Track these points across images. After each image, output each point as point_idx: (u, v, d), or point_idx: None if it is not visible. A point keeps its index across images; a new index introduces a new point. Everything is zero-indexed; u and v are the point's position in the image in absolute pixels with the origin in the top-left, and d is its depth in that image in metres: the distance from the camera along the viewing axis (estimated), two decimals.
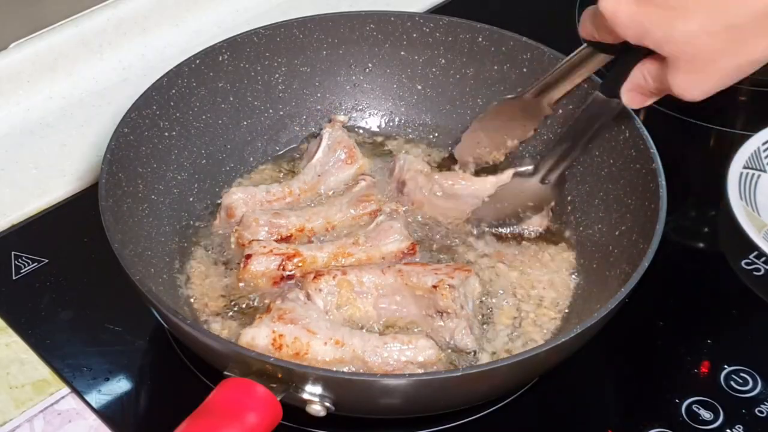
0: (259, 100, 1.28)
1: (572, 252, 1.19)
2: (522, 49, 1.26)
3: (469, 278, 1.13)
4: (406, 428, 1.10)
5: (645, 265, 1.04)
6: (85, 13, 1.30)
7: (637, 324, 1.17)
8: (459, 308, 1.10)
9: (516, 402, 1.10)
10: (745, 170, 1.27)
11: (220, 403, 0.94)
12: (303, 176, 1.25)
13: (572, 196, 1.22)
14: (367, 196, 1.21)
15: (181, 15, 1.37)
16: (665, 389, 1.12)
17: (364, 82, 1.31)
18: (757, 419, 1.10)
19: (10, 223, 1.26)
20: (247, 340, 1.05)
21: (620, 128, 1.18)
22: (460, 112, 1.30)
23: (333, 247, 1.16)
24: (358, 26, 1.29)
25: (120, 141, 1.14)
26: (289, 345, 1.05)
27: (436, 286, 1.10)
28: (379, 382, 0.98)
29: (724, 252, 1.27)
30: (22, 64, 1.26)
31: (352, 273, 1.12)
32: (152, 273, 1.12)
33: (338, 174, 1.25)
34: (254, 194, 1.21)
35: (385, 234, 1.17)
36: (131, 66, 1.32)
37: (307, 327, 1.06)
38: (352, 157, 1.26)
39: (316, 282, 1.11)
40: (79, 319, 1.17)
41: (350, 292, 1.12)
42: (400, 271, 1.12)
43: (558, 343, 1.00)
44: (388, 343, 1.07)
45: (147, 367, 1.14)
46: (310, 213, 1.20)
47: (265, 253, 1.14)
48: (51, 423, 1.09)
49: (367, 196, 1.21)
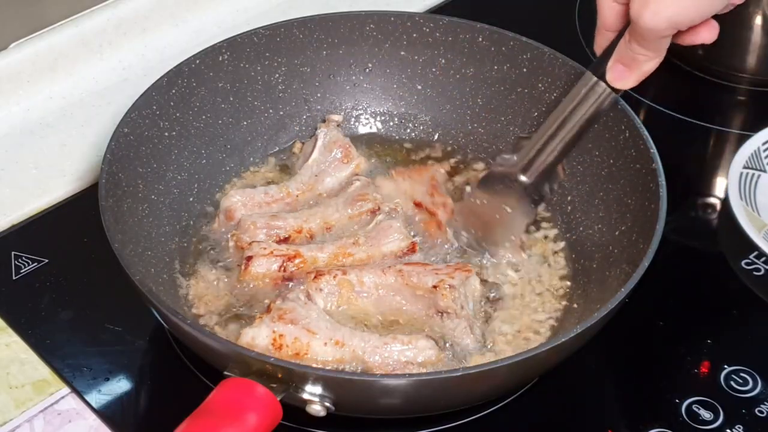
0: (259, 100, 1.28)
1: (572, 252, 1.19)
2: (522, 49, 1.26)
3: (470, 278, 1.13)
4: (406, 428, 1.10)
5: (645, 265, 1.04)
6: (85, 13, 1.30)
7: (637, 324, 1.17)
8: (459, 308, 1.10)
9: (516, 402, 1.10)
10: (745, 170, 1.27)
11: (220, 403, 0.94)
12: (300, 177, 1.25)
13: (572, 196, 1.22)
14: (362, 195, 1.21)
15: (181, 15, 1.36)
16: (665, 389, 1.12)
17: (364, 82, 1.31)
18: (757, 419, 1.10)
19: (10, 223, 1.26)
20: (247, 340, 1.05)
21: (620, 128, 1.18)
22: (460, 112, 1.30)
23: (333, 247, 1.16)
24: (358, 26, 1.29)
25: (120, 141, 1.14)
26: (289, 345, 1.05)
27: (437, 287, 1.10)
28: (379, 382, 0.98)
29: (724, 252, 1.27)
30: (22, 64, 1.26)
31: (352, 273, 1.12)
32: (152, 273, 1.12)
33: (335, 173, 1.25)
34: (252, 196, 1.21)
35: (384, 233, 1.17)
36: (131, 66, 1.32)
37: (307, 327, 1.06)
38: (348, 156, 1.26)
39: (316, 282, 1.11)
40: (79, 319, 1.17)
41: (351, 292, 1.12)
42: (400, 271, 1.12)
43: (558, 343, 1.00)
44: (389, 344, 1.07)
45: (147, 367, 1.14)
46: (307, 214, 1.20)
47: (266, 255, 1.14)
48: (51, 423, 1.09)
49: (363, 196, 1.21)
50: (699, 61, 1.46)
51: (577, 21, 1.53)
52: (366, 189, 1.22)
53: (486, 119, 1.29)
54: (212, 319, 1.12)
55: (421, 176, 1.24)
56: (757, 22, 1.40)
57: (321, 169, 1.25)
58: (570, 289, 1.16)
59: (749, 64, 1.44)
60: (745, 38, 1.42)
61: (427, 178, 1.23)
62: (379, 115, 1.32)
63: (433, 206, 1.20)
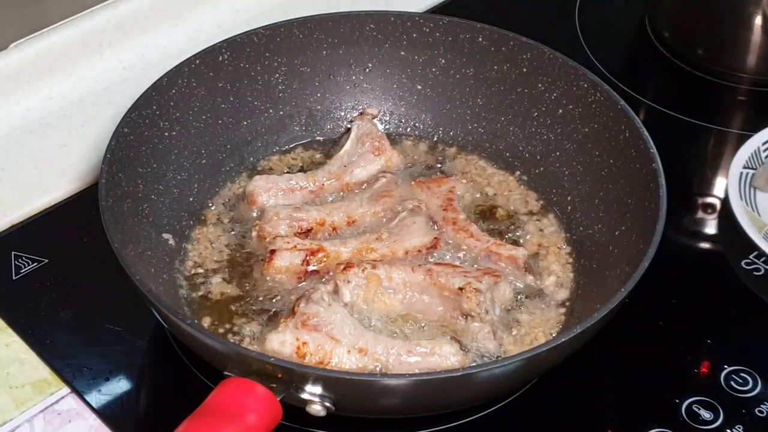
0: (259, 100, 1.28)
1: (572, 252, 1.19)
2: (522, 49, 1.26)
3: (499, 283, 1.12)
4: (406, 428, 1.10)
5: (645, 265, 1.04)
6: (85, 13, 1.30)
7: (637, 324, 1.17)
8: (484, 313, 1.09)
9: (516, 402, 1.10)
10: (745, 170, 1.27)
11: (220, 403, 0.94)
12: (329, 167, 1.25)
13: (572, 196, 1.22)
14: (387, 192, 1.21)
15: (181, 15, 1.36)
16: (665, 389, 1.12)
17: (364, 82, 1.31)
18: (757, 419, 1.10)
19: (10, 223, 1.26)
20: (273, 347, 1.05)
21: (620, 128, 1.18)
22: (460, 112, 1.30)
23: (356, 242, 1.16)
24: (358, 26, 1.29)
25: (120, 141, 1.14)
26: (313, 353, 1.05)
27: (463, 289, 1.10)
28: (379, 382, 0.98)
29: (724, 252, 1.27)
30: (22, 64, 1.26)
31: (381, 268, 1.12)
32: (152, 273, 1.12)
33: (366, 165, 1.25)
34: (276, 182, 1.22)
35: (407, 229, 1.17)
36: (131, 66, 1.32)
37: (331, 334, 1.06)
38: (379, 148, 1.25)
39: (345, 273, 1.11)
40: (79, 319, 1.17)
41: (378, 287, 1.11)
42: (429, 270, 1.12)
43: (558, 343, 1.00)
44: (412, 351, 1.06)
45: (147, 367, 1.14)
46: (331, 207, 1.20)
47: (289, 249, 1.14)
48: (51, 423, 1.09)
49: (388, 192, 1.21)
50: (699, 61, 1.46)
51: (577, 21, 1.53)
52: (391, 186, 1.22)
53: (486, 119, 1.29)
54: None
55: (440, 187, 1.23)
56: (757, 22, 1.40)
57: (351, 161, 1.25)
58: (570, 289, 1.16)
59: (749, 64, 1.44)
60: (745, 38, 1.42)
61: (446, 190, 1.23)
62: (379, 115, 1.32)
63: (444, 222, 1.20)
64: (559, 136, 1.24)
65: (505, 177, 1.27)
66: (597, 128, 1.20)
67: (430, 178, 1.25)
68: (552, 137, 1.25)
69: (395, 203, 1.20)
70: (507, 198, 1.25)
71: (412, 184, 1.24)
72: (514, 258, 1.15)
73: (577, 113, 1.22)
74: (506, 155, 1.28)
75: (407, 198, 1.21)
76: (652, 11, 1.54)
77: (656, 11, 1.53)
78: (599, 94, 1.20)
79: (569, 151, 1.23)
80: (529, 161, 1.26)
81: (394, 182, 1.23)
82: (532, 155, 1.26)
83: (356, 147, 1.26)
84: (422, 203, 1.20)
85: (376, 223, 1.20)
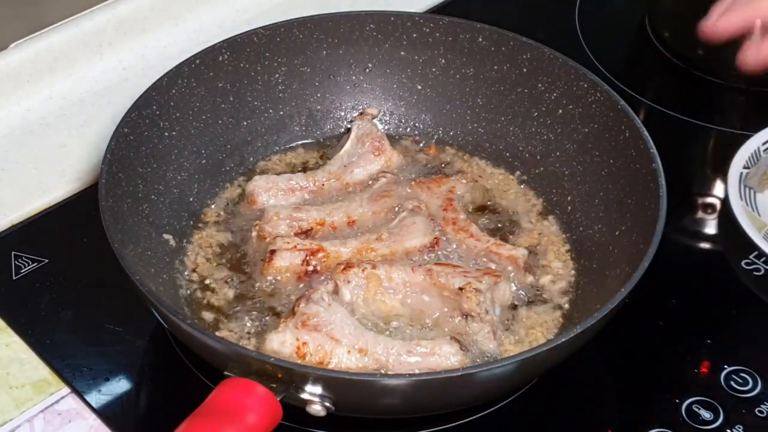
0: (259, 100, 1.28)
1: (572, 252, 1.19)
2: (522, 49, 1.26)
3: (500, 284, 1.12)
4: (406, 428, 1.10)
5: (645, 265, 1.04)
6: (85, 13, 1.30)
7: (637, 324, 1.17)
8: (484, 313, 1.09)
9: (516, 402, 1.10)
10: (745, 170, 1.27)
11: (220, 403, 0.94)
12: (329, 167, 1.25)
13: (572, 196, 1.22)
14: (387, 192, 1.21)
15: (181, 15, 1.36)
16: (665, 389, 1.12)
17: (364, 82, 1.31)
18: (757, 419, 1.10)
19: (10, 223, 1.26)
20: (272, 347, 1.05)
21: (620, 128, 1.18)
22: (460, 112, 1.30)
23: (356, 242, 1.16)
24: (358, 26, 1.29)
25: (120, 141, 1.14)
26: (313, 353, 1.05)
27: (463, 289, 1.10)
28: (379, 382, 0.98)
29: (724, 252, 1.27)
30: (22, 64, 1.26)
31: (381, 268, 1.12)
32: (152, 273, 1.12)
33: (366, 166, 1.25)
34: (276, 182, 1.22)
35: (407, 229, 1.17)
36: (131, 66, 1.32)
37: (331, 334, 1.06)
38: (379, 149, 1.26)
39: (345, 273, 1.11)
40: (79, 319, 1.17)
41: (378, 287, 1.11)
42: (429, 270, 1.12)
43: (558, 343, 1.00)
44: (412, 351, 1.06)
45: (147, 367, 1.14)
46: (331, 208, 1.21)
47: (289, 249, 1.14)
48: (51, 423, 1.09)
49: (388, 192, 1.21)
50: (699, 61, 1.46)
51: (577, 21, 1.53)
52: (391, 186, 1.22)
53: (486, 119, 1.29)
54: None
55: (440, 187, 1.23)
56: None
57: (351, 161, 1.25)
58: (570, 289, 1.16)
59: None
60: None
61: (446, 190, 1.23)
62: (379, 115, 1.32)
63: (444, 222, 1.20)
64: (559, 136, 1.24)
65: (505, 177, 1.27)
66: (597, 128, 1.20)
67: (430, 178, 1.25)
68: (552, 137, 1.25)
69: (395, 203, 1.20)
70: (507, 198, 1.25)
71: (412, 184, 1.24)
72: (514, 258, 1.15)
73: (577, 113, 1.22)
74: (506, 155, 1.28)
75: (407, 198, 1.21)
76: (652, 11, 1.54)
77: (656, 11, 1.53)
78: (599, 94, 1.20)
79: (569, 151, 1.23)
80: (529, 161, 1.26)
81: (394, 182, 1.23)
82: (532, 155, 1.26)
83: (356, 147, 1.26)
84: (422, 203, 1.20)
85: (376, 223, 1.20)
